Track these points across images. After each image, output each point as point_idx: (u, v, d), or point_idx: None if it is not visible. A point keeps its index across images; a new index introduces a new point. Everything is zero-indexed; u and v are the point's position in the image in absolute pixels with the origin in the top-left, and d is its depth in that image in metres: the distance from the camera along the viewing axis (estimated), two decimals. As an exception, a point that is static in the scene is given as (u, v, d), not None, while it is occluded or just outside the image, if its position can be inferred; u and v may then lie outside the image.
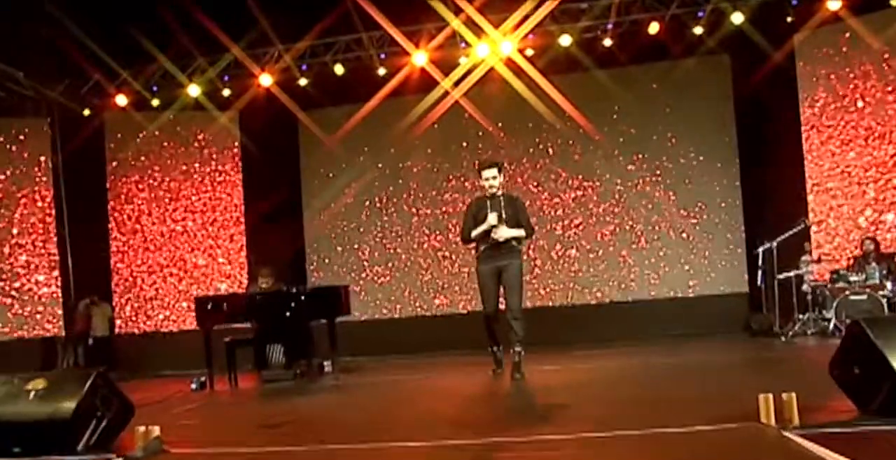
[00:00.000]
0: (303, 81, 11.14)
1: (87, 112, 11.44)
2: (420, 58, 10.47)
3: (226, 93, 11.37)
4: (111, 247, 11.76)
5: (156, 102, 11.42)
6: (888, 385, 3.32)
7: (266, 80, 10.89)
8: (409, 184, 11.86)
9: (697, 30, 10.20)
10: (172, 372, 9.73)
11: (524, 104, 10.45)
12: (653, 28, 10.19)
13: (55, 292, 11.23)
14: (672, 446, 3.29)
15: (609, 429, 3.59)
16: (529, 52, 10.50)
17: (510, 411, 4.95)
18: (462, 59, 10.65)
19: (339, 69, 10.95)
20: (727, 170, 11.00)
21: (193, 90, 11.04)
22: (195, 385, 7.57)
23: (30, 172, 11.31)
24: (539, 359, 7.16)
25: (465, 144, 11.63)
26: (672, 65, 10.75)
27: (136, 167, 11.90)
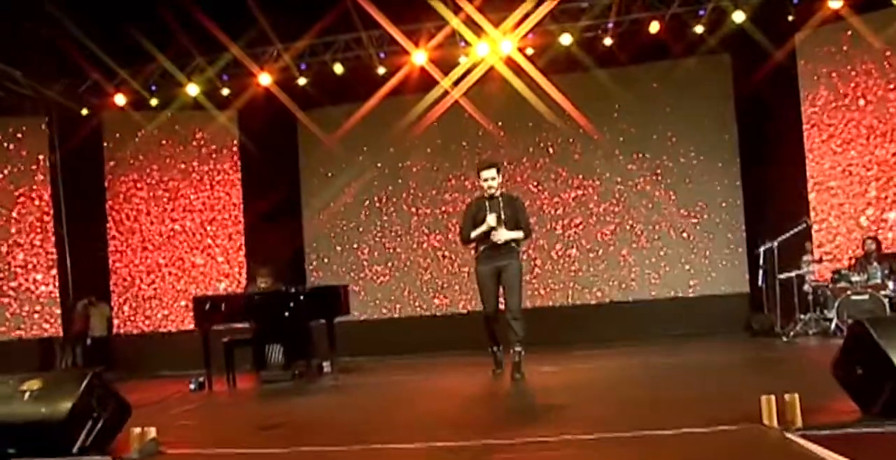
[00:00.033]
0: (302, 80, 11.10)
1: (86, 111, 11.41)
2: (420, 57, 10.43)
3: (225, 92, 11.32)
4: (109, 247, 11.72)
5: (154, 102, 11.39)
6: (891, 385, 3.31)
7: (265, 79, 10.85)
8: (409, 183, 11.83)
9: (698, 29, 10.16)
10: (171, 373, 9.70)
11: (524, 103, 10.42)
12: (653, 27, 10.15)
13: (53, 291, 11.21)
14: (673, 447, 3.27)
15: (609, 431, 3.58)
16: (529, 51, 10.46)
17: (510, 412, 4.93)
18: (462, 58, 10.61)
19: (339, 68, 10.91)
20: (728, 169, 10.97)
21: (192, 89, 11.01)
22: (193, 385, 7.55)
23: (28, 171, 11.29)
24: (539, 359, 7.14)
25: (465, 144, 11.59)
26: (673, 64, 10.71)
27: (135, 166, 11.87)
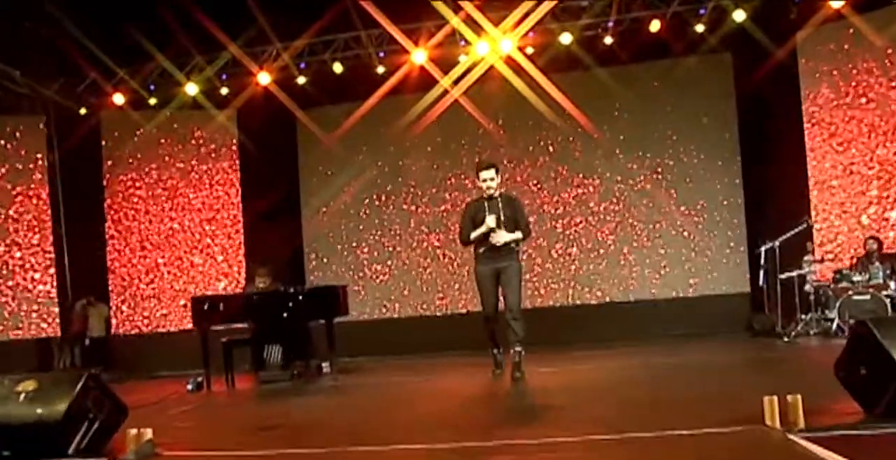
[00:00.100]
0: (301, 80, 11.06)
1: (84, 111, 11.38)
2: (419, 56, 10.40)
3: (224, 91, 11.29)
4: (107, 246, 11.68)
5: (153, 101, 11.36)
6: (895, 386, 3.26)
7: (264, 78, 10.81)
8: (409, 182, 11.79)
9: (699, 27, 10.12)
10: (169, 373, 9.66)
11: (524, 102, 10.39)
12: (654, 26, 10.12)
13: (51, 291, 11.18)
14: (674, 449, 3.24)
15: (609, 432, 3.54)
16: (529, 50, 10.42)
17: (510, 413, 4.90)
18: (462, 57, 10.57)
19: (338, 67, 10.87)
20: (729, 168, 10.93)
21: (191, 89, 10.98)
22: (191, 386, 7.50)
23: (26, 170, 11.25)
24: (539, 360, 7.11)
25: (465, 143, 11.56)
26: (673, 63, 10.69)
27: (133, 166, 11.83)
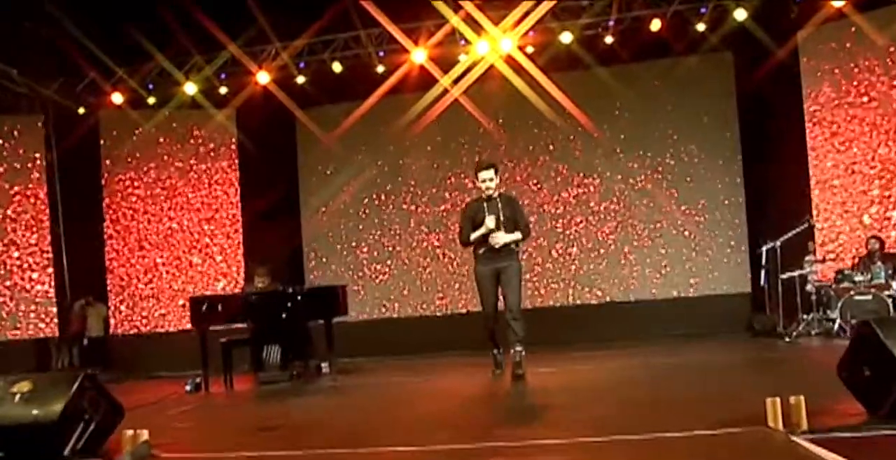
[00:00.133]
0: (300, 79, 11.01)
1: (82, 110, 11.33)
2: (419, 55, 10.36)
3: (223, 90, 11.24)
4: (106, 246, 11.63)
5: (152, 100, 11.30)
6: (900, 387, 3.24)
7: (263, 77, 10.77)
8: (409, 182, 11.75)
9: (700, 26, 10.07)
10: (168, 374, 9.62)
11: (524, 102, 10.34)
12: (655, 25, 10.07)
13: (49, 291, 11.12)
14: (676, 450, 3.22)
15: (610, 433, 3.52)
16: (530, 49, 10.37)
17: (510, 413, 4.88)
18: (462, 56, 10.52)
19: (338, 67, 10.83)
20: (730, 167, 10.89)
21: (190, 88, 10.92)
22: (189, 386, 7.46)
23: (24, 169, 11.20)
24: (539, 360, 7.07)
25: (465, 142, 11.52)
26: (674, 62, 10.64)
27: (132, 165, 11.78)
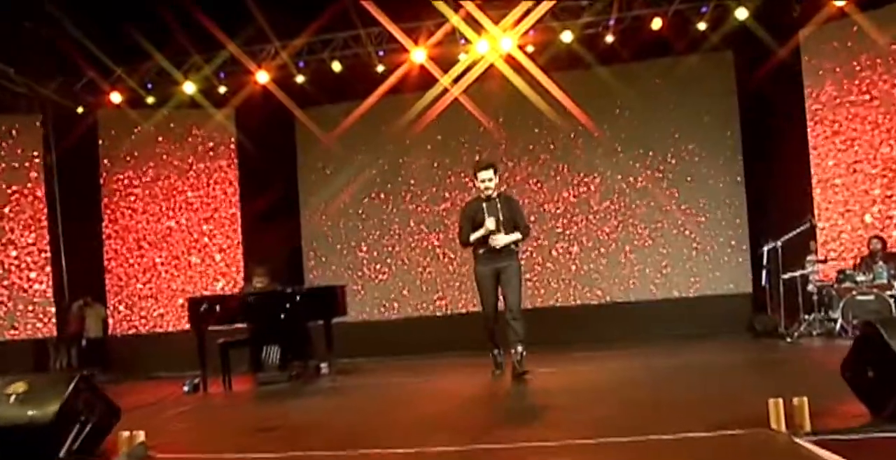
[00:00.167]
0: (300, 78, 10.96)
1: (81, 109, 11.29)
2: (419, 54, 10.32)
3: (222, 90, 11.19)
4: (104, 246, 11.58)
5: (151, 100, 11.26)
6: (904, 388, 3.21)
7: (262, 77, 10.73)
8: (409, 181, 11.71)
9: (701, 25, 10.03)
10: (167, 374, 9.58)
11: (525, 101, 10.31)
12: (655, 24, 10.02)
13: (47, 290, 11.07)
14: (678, 452, 3.19)
15: (611, 435, 3.48)
16: (530, 48, 10.34)
17: (509, 415, 4.84)
18: (462, 55, 10.48)
19: (337, 66, 10.79)
20: (731, 167, 10.85)
21: (189, 87, 10.88)
22: (188, 387, 7.42)
23: (22, 169, 11.15)
24: (539, 360, 7.03)
25: (465, 142, 11.49)
26: (675, 61, 10.59)
27: (131, 165, 11.74)
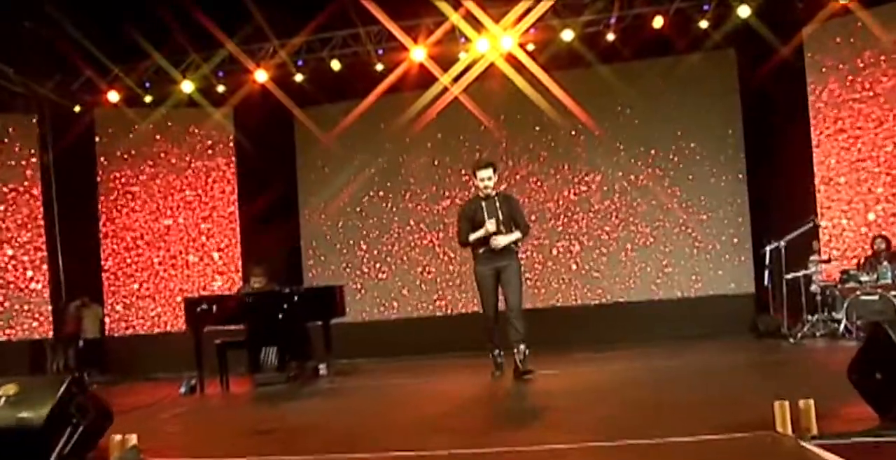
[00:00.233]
0: (299, 77, 10.93)
1: (78, 108, 11.26)
2: (419, 53, 10.27)
3: (220, 89, 11.16)
4: (101, 245, 11.54)
5: (148, 99, 11.22)
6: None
7: (261, 75, 10.68)
8: (409, 180, 11.67)
9: (703, 24, 9.99)
10: (165, 375, 9.54)
11: (525, 100, 10.26)
12: (657, 22, 9.97)
13: (44, 290, 11.01)
14: (681, 455, 3.13)
15: (612, 437, 3.43)
16: (531, 47, 10.31)
17: (510, 416, 4.79)
18: (462, 54, 10.44)
19: (336, 65, 10.74)
20: (733, 166, 10.79)
21: (187, 86, 10.85)
22: (184, 388, 7.36)
23: (18, 167, 11.10)
24: (539, 361, 6.95)
25: (465, 141, 11.43)
26: (677, 59, 10.55)
27: (128, 164, 11.70)
